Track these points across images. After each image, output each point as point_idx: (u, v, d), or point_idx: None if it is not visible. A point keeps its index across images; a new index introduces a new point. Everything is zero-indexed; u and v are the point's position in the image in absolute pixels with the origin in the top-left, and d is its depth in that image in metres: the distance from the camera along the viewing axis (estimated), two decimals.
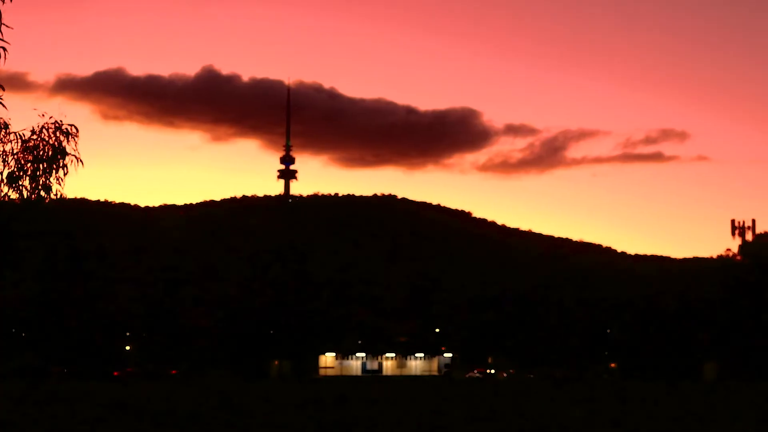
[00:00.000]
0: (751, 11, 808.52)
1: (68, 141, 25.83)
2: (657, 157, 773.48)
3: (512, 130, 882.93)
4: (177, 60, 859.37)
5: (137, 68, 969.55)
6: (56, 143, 25.69)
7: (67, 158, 25.70)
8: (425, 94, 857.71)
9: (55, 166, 25.62)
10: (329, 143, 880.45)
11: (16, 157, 25.73)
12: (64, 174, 25.71)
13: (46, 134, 25.74)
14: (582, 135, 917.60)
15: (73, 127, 25.91)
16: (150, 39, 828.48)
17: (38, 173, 25.58)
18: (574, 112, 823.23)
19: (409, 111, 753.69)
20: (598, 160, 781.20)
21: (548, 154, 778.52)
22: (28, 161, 25.63)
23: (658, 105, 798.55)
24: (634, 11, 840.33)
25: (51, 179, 25.65)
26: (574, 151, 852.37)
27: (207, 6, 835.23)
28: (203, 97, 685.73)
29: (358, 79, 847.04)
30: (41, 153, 25.60)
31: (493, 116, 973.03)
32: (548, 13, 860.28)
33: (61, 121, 25.87)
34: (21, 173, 25.60)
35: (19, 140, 25.75)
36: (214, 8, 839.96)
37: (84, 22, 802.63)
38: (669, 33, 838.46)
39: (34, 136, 25.76)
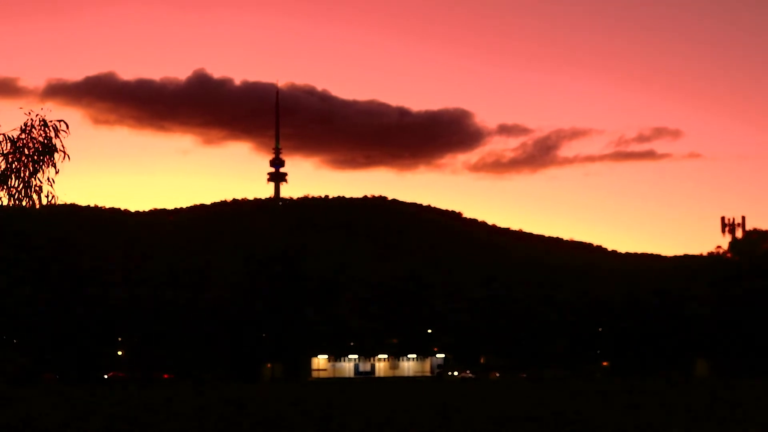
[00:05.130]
0: (743, 11, 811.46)
1: (57, 137, 25.73)
2: (649, 155, 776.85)
3: (505, 130, 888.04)
4: (168, 64, 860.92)
5: (128, 72, 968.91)
6: (45, 140, 25.59)
7: (56, 155, 25.59)
8: (418, 95, 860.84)
9: (45, 162, 25.51)
10: (321, 145, 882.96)
11: (6, 158, 25.70)
12: (55, 172, 25.61)
13: (35, 131, 25.64)
14: (574, 134, 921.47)
15: (62, 123, 25.80)
16: (141, 43, 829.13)
17: (28, 171, 25.48)
18: (567, 112, 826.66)
19: (402, 112, 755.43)
20: (591, 158, 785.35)
21: (540, 154, 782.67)
22: (18, 159, 25.54)
23: (651, 103, 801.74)
24: (625, 11, 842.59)
25: (42, 178, 25.55)
26: (566, 150, 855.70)
27: (198, 10, 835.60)
28: (194, 101, 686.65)
29: (351, 80, 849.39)
30: (31, 151, 25.50)
31: (485, 116, 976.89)
32: (540, 14, 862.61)
33: (44, 116, 25.73)
34: (11, 173, 25.53)
35: (9, 142, 25.74)
36: (205, 12, 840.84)
37: (74, 27, 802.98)
38: (661, 32, 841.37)
39: (23, 135, 25.69)
